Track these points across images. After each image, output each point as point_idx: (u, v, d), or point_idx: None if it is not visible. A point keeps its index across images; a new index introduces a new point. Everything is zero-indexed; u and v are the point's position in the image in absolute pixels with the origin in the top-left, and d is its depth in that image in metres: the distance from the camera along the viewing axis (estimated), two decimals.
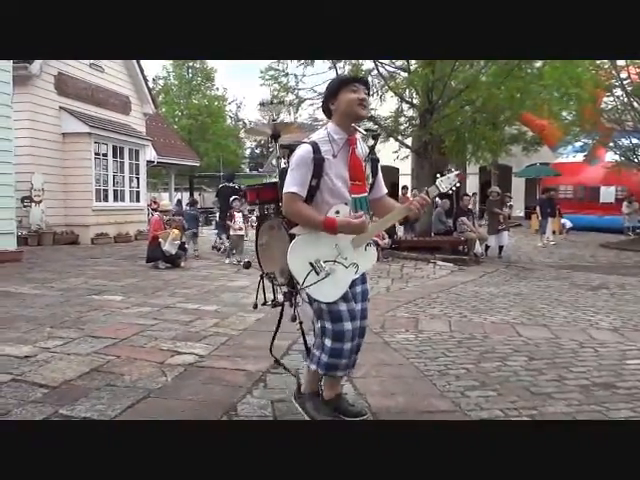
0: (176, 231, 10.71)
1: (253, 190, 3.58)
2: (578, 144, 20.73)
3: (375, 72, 13.48)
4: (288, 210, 2.87)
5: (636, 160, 18.26)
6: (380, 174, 3.18)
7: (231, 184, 14.58)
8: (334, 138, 2.88)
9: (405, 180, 22.70)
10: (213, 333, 5.50)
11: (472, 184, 26.96)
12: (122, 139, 16.39)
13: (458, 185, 3.00)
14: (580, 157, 21.34)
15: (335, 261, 2.85)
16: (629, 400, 3.93)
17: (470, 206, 14.25)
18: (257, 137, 16.25)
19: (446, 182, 2.98)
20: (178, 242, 10.62)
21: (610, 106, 18.36)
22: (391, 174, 25.42)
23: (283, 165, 3.33)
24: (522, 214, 26.30)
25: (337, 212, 2.82)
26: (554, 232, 18.24)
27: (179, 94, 42.43)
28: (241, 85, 71.10)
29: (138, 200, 17.45)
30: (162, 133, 24.98)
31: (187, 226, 12.05)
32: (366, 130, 3.02)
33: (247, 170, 52.31)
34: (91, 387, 3.89)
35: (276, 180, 3.40)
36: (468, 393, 3.98)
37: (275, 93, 14.04)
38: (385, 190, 3.25)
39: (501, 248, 13.54)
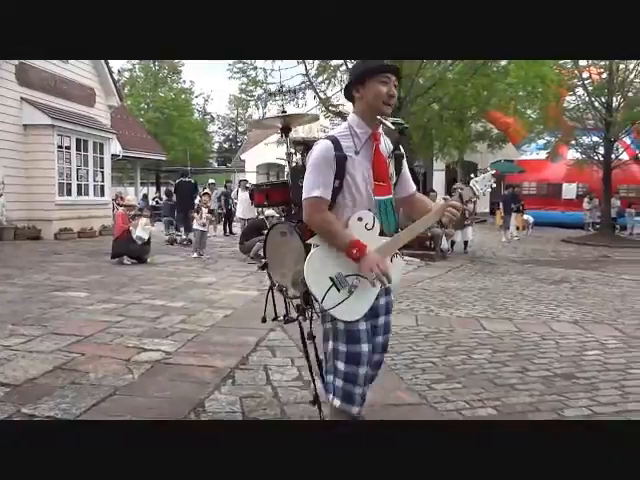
0: (145, 219, 10.60)
1: (261, 191, 3.27)
2: (541, 142, 21.15)
3: (344, 67, 13.50)
4: (312, 219, 2.45)
5: (596, 158, 18.72)
6: (407, 169, 2.77)
7: (187, 179, 14.76)
8: (356, 132, 2.50)
9: None
10: (180, 329, 5.46)
11: (438, 180, 27.28)
12: (86, 132, 16.05)
13: (494, 186, 2.68)
14: (543, 154, 21.76)
15: (358, 274, 2.44)
16: (588, 390, 4.06)
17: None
18: (266, 130, 15.76)
19: (481, 183, 2.65)
20: (149, 227, 10.49)
21: (572, 105, 18.79)
22: None
23: (294, 163, 3.09)
24: (487, 210, 26.70)
25: (359, 219, 2.45)
26: (518, 228, 18.59)
27: (145, 86, 41.79)
28: (209, 78, 70.33)
29: (103, 194, 17.14)
30: (127, 126, 24.59)
31: (164, 214, 12.20)
32: (392, 124, 2.54)
33: (215, 165, 51.89)
34: (55, 385, 3.83)
35: (286, 180, 3.14)
36: (434, 386, 4.05)
37: (243, 87, 13.96)
38: (414, 187, 2.83)
39: (466, 243, 13.73)
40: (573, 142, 19.31)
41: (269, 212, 12.48)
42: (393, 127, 2.51)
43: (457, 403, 3.73)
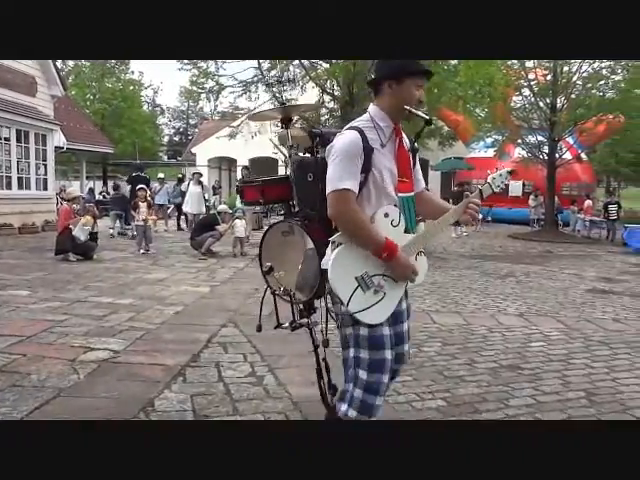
0: (88, 217, 10.30)
1: (255, 187, 3.00)
2: (489, 140, 21.69)
3: (296, 61, 13.46)
4: (340, 213, 2.28)
5: (541, 157, 19.31)
6: (418, 165, 2.66)
7: (143, 174, 14.47)
8: (379, 125, 2.40)
9: None
10: (128, 327, 5.34)
11: None
12: (27, 122, 15.45)
13: (508, 183, 2.69)
14: (491, 152, 22.29)
15: (384, 274, 2.33)
16: (532, 380, 4.22)
17: None
18: (264, 122, 15.36)
19: (498, 180, 2.64)
20: (88, 228, 10.19)
21: (519, 105, 19.32)
22: None
23: (293, 156, 2.90)
24: None
25: (386, 215, 2.34)
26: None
27: (91, 76, 40.56)
28: (158, 70, 68.95)
29: (46, 188, 16.56)
30: (72, 117, 23.82)
31: (111, 207, 11.85)
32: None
33: (165, 158, 50.98)
34: None
35: (287, 174, 2.96)
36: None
37: (194, 79, 13.75)
38: (424, 184, 2.73)
39: None
40: (519, 141, 19.86)
41: (222, 207, 12.37)
42: (426, 116, 2.44)
43: (408, 396, 3.80)
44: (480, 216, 2.49)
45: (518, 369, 4.45)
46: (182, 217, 16.89)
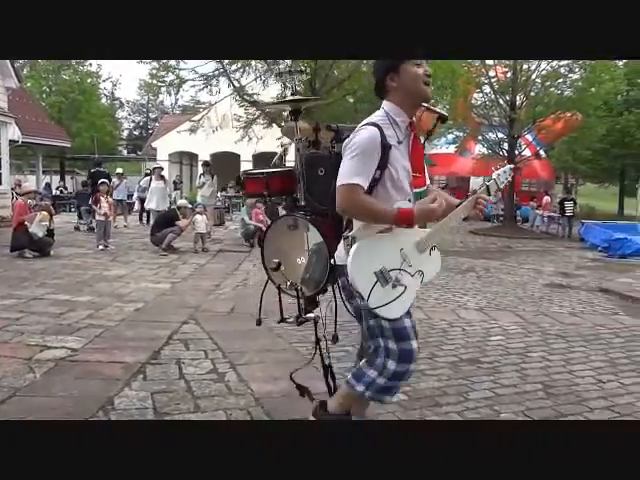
0: (45, 213, 10.04)
1: (259, 179, 2.93)
2: (451, 136, 21.99)
3: None
4: (348, 204, 2.32)
5: (501, 153, 19.66)
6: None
7: (102, 169, 14.14)
8: (395, 121, 2.39)
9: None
10: (87, 325, 5.23)
11: None
12: None
13: (510, 179, 2.72)
14: (452, 149, 22.62)
15: (401, 269, 2.37)
16: (491, 373, 4.30)
17: None
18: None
19: (503, 176, 2.66)
20: (45, 224, 9.94)
21: (479, 102, 19.62)
22: None
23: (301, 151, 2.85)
24: None
25: None
26: None
27: (47, 68, 39.47)
28: (117, 62, 67.46)
29: (0, 183, 16.09)
30: (28, 110, 23.13)
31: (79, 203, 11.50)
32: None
33: (125, 153, 50.05)
34: None
35: (290, 167, 2.91)
36: (348, 374, 4.10)
37: (154, 72, 13.53)
38: (428, 179, 2.71)
39: None
40: (480, 137, 20.18)
41: (182, 202, 12.21)
42: (444, 113, 2.44)
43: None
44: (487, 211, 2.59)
45: (478, 363, 4.53)
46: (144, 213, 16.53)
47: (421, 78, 2.37)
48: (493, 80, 18.42)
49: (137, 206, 18.10)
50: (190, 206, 11.90)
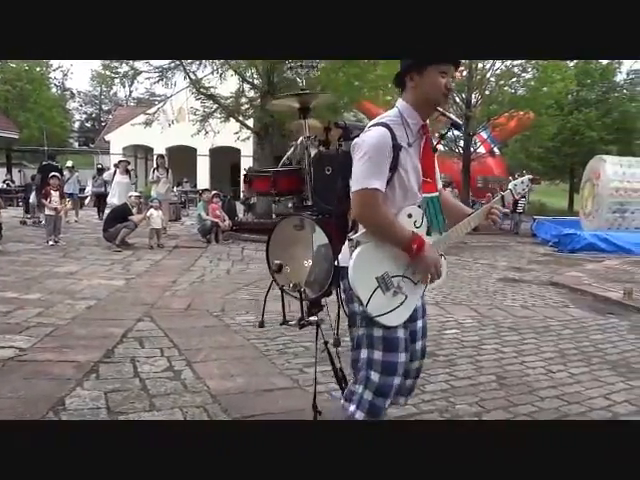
0: None
1: (266, 177, 2.86)
2: None
3: None
4: (366, 211, 2.19)
5: (457, 150, 20.02)
6: (437, 165, 2.54)
7: (54, 162, 13.71)
8: (407, 122, 2.27)
9: (247, 162, 22.70)
10: (36, 324, 5.06)
11: None
12: None
13: (531, 190, 2.68)
14: None
15: (404, 275, 2.26)
16: (447, 366, 4.38)
17: None
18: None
19: (520, 186, 2.61)
20: None
21: None
22: (232, 155, 25.25)
23: (311, 149, 2.76)
24: None
25: (409, 215, 2.26)
26: None
27: None
28: None
29: None
30: None
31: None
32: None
33: (76, 145, 48.76)
34: None
35: (299, 166, 2.83)
36: (306, 370, 4.11)
37: (107, 63, 13.19)
38: (441, 184, 2.61)
39: None
40: (437, 135, 20.42)
41: (131, 193, 11.94)
42: (458, 120, 2.36)
43: (328, 385, 3.81)
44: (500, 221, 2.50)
45: (434, 356, 4.59)
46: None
47: (442, 90, 2.26)
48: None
49: (90, 200, 17.64)
50: (136, 194, 11.69)
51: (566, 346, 5.09)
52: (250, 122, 14.43)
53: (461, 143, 19.74)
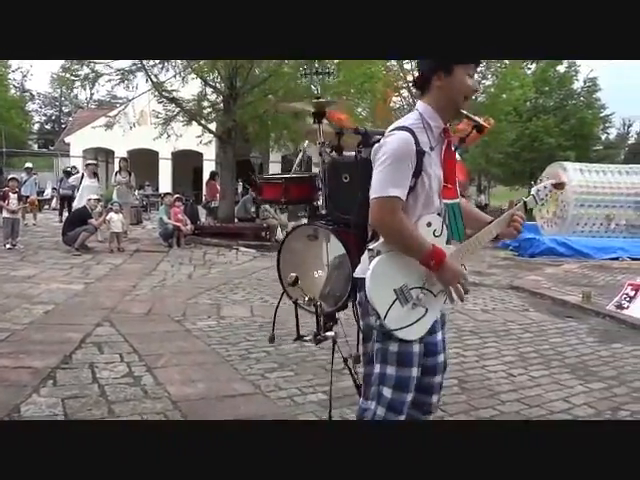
0: None
1: (277, 184, 2.79)
2: None
3: None
4: (384, 220, 2.09)
5: None
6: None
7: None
8: (430, 125, 2.18)
9: (209, 166, 22.54)
10: None
11: (274, 172, 27.67)
12: None
13: (552, 195, 2.56)
14: None
15: (423, 287, 2.14)
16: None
17: None
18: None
19: (542, 192, 2.52)
20: None
21: (398, 105, 20.14)
22: (195, 159, 25.05)
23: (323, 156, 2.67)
24: (322, 202, 27.57)
25: (429, 224, 2.16)
26: None
27: None
28: None
29: None
30: None
31: None
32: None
33: (35, 147, 47.60)
34: None
35: (311, 174, 2.76)
36: (268, 375, 4.11)
37: (67, 65, 12.94)
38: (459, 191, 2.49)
39: None
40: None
41: (90, 196, 11.70)
42: (483, 122, 2.30)
43: (289, 390, 3.83)
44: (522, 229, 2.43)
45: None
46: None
47: (467, 91, 2.21)
48: (411, 84, 18.96)
49: (56, 203, 17.19)
50: (95, 196, 11.49)
51: (526, 349, 5.18)
52: (212, 126, 14.34)
53: None
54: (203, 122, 13.80)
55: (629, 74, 53.62)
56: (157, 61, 12.83)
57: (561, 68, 27.15)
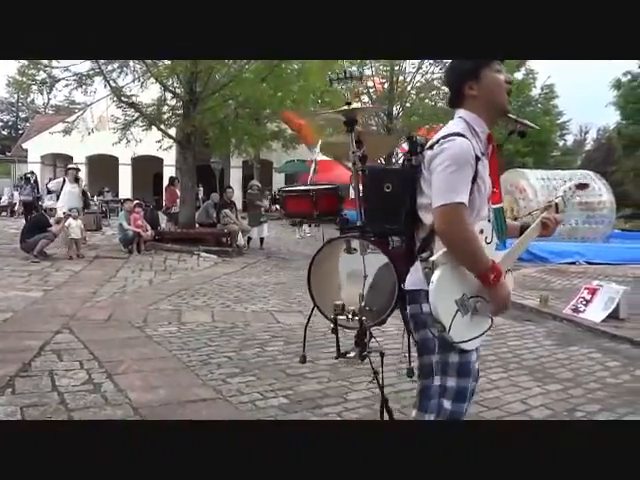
0: None
1: (303, 197, 2.74)
2: None
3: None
4: (451, 226, 2.03)
5: (380, 160, 20.50)
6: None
7: None
8: (476, 131, 2.16)
9: (170, 171, 22.34)
10: None
11: (235, 177, 27.60)
12: None
13: (577, 198, 2.59)
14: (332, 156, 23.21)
15: (479, 295, 2.11)
16: (369, 374, 4.44)
17: (233, 198, 14.53)
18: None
19: (569, 193, 2.50)
20: None
21: None
22: (155, 164, 24.80)
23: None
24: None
25: (481, 231, 2.12)
26: (310, 225, 19.62)
27: None
28: None
29: None
30: None
31: None
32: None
33: None
34: None
35: (336, 185, 2.70)
36: (229, 380, 4.15)
37: (23, 70, 12.68)
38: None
39: (262, 240, 14.06)
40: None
41: (48, 204, 11.49)
42: (536, 127, 2.27)
43: (251, 395, 3.87)
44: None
45: (357, 364, 4.70)
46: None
47: (503, 86, 2.19)
48: (371, 90, 19.24)
49: (19, 208, 16.76)
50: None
51: (485, 352, 5.29)
52: (172, 131, 14.25)
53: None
54: (163, 127, 13.70)
55: (586, 82, 55.15)
56: (116, 65, 12.71)
57: (519, 75, 27.84)
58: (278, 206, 10.25)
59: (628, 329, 6.22)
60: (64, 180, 12.87)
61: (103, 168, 26.14)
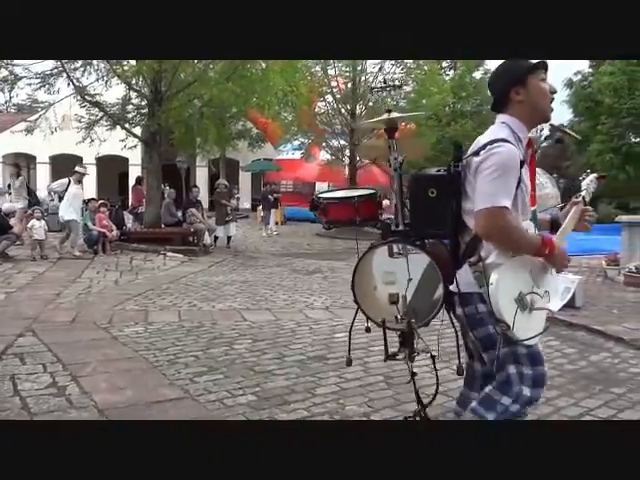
0: None
1: (346, 204, 2.80)
2: (296, 142, 22.70)
3: None
4: (497, 229, 2.14)
5: (344, 160, 20.69)
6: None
7: None
8: (519, 137, 2.25)
9: (135, 171, 22.05)
10: None
11: (201, 176, 27.38)
12: None
13: (593, 190, 2.61)
14: (298, 154, 23.30)
15: (533, 292, 2.25)
16: (337, 368, 4.52)
17: (199, 197, 14.43)
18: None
19: (591, 186, 2.57)
20: None
21: (322, 110, 20.46)
22: (120, 164, 24.44)
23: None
24: (249, 206, 27.56)
25: (526, 230, 2.27)
26: (277, 223, 19.64)
27: None
28: None
29: None
30: None
31: None
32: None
33: None
34: None
35: (375, 191, 2.76)
36: (197, 379, 4.13)
37: None
38: None
39: (229, 238, 14.01)
40: (324, 144, 21.05)
41: (7, 206, 11.24)
42: (579, 137, 2.26)
43: (219, 393, 3.87)
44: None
45: (324, 359, 4.74)
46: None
47: (548, 95, 2.27)
48: (335, 90, 19.35)
49: None
50: (18, 205, 11.11)
51: (447, 344, 5.39)
52: (137, 130, 14.08)
53: (347, 152, 20.50)
54: (127, 126, 13.53)
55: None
56: (79, 64, 12.50)
57: (477, 74, 28.27)
58: (317, 212, 10.12)
59: (583, 317, 6.45)
60: (69, 181, 12.25)
61: (67, 168, 25.55)
